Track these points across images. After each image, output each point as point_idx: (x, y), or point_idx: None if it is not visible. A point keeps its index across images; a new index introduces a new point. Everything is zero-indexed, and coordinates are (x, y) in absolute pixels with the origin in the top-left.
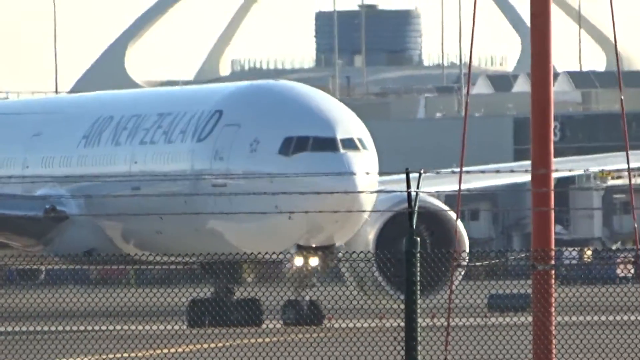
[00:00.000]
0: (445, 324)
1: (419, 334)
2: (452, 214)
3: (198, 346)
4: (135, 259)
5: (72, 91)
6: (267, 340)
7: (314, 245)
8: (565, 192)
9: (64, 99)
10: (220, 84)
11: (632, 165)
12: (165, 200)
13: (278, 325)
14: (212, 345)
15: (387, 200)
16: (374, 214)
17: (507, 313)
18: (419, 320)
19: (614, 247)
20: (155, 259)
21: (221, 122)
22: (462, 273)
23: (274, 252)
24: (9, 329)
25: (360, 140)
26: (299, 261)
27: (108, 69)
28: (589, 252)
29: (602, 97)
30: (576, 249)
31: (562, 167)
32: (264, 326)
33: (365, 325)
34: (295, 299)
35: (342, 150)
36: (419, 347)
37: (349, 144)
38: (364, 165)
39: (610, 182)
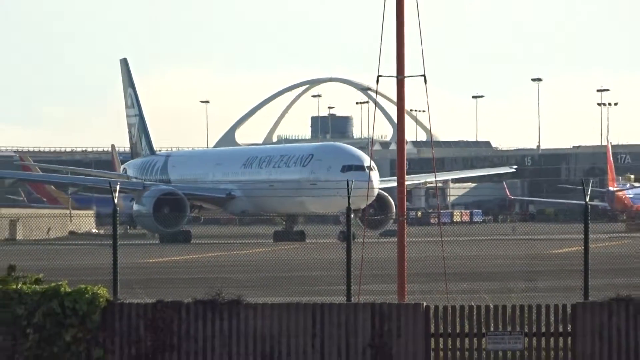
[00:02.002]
0: (362, 241)
1: (352, 245)
2: (390, 198)
3: (276, 248)
4: (259, 214)
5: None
6: (306, 246)
7: (352, 209)
8: (409, 188)
9: (231, 148)
10: (309, 143)
11: (436, 179)
12: (286, 191)
13: (313, 240)
14: (282, 247)
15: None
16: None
17: (387, 237)
18: (353, 240)
19: (429, 211)
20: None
21: (313, 159)
22: (392, 222)
23: (335, 213)
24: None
25: (373, 166)
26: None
27: (229, 137)
28: (419, 213)
29: (425, 152)
30: (415, 211)
31: (409, 180)
32: (306, 241)
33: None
34: (344, 230)
35: (366, 170)
36: (352, 252)
37: (369, 167)
38: (375, 176)
39: (428, 185)
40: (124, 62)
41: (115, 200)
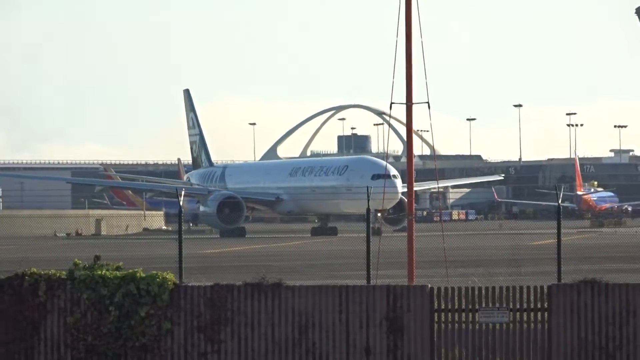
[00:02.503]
0: (379, 235)
1: (371, 236)
2: (404, 199)
3: (313, 241)
4: (302, 214)
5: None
6: (337, 239)
7: (380, 209)
8: (417, 193)
9: (278, 161)
10: (345, 156)
11: (438, 185)
12: (325, 195)
13: (341, 235)
14: (318, 240)
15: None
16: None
17: (400, 232)
18: (372, 232)
19: (433, 211)
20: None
21: (348, 169)
22: (407, 220)
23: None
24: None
25: (398, 175)
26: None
27: (272, 152)
28: (425, 212)
29: (429, 163)
30: (422, 211)
31: (416, 186)
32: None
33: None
34: (372, 226)
35: (392, 178)
36: (372, 244)
37: (394, 175)
38: (399, 183)
39: (431, 190)
40: (187, 92)
41: (181, 203)
